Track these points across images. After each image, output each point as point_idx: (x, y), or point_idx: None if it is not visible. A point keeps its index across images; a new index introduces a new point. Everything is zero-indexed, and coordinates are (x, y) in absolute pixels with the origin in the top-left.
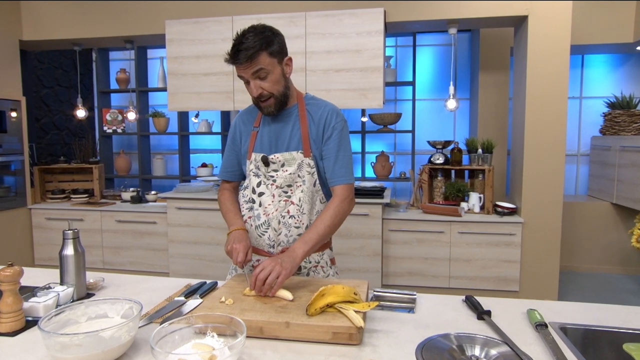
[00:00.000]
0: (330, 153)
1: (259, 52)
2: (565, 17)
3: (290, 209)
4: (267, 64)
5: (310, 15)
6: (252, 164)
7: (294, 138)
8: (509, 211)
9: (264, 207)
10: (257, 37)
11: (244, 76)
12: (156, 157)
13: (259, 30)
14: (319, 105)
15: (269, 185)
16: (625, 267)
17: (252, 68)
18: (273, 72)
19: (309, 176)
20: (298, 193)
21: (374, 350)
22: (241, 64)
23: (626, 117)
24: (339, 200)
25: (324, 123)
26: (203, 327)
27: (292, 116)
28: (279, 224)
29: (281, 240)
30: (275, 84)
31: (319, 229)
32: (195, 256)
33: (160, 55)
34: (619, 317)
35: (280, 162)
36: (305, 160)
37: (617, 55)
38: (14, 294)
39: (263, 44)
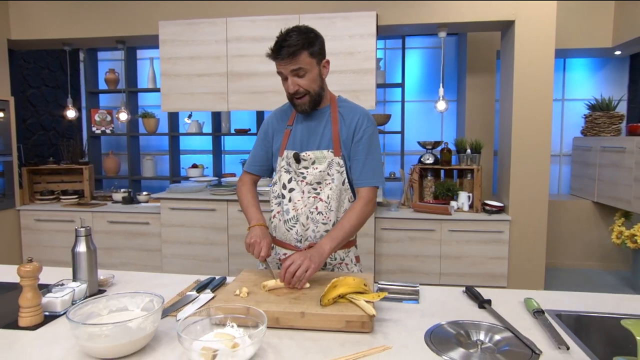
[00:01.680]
0: (359, 155)
1: (301, 50)
2: (549, 22)
3: (318, 205)
4: (306, 63)
5: (304, 18)
6: (284, 160)
7: (325, 137)
8: (496, 209)
9: (293, 202)
10: (300, 36)
11: (282, 72)
12: (146, 158)
13: (302, 30)
14: (351, 108)
15: (299, 182)
16: (605, 263)
17: (292, 65)
18: (311, 72)
19: (338, 175)
20: (327, 190)
21: (385, 337)
22: (282, 60)
23: (606, 119)
24: (363, 202)
25: (355, 126)
26: (223, 318)
27: (324, 116)
28: (307, 219)
29: (308, 235)
30: (311, 82)
31: (345, 227)
32: (189, 256)
33: (150, 56)
34: (607, 304)
35: (311, 159)
36: (335, 159)
37: (596, 59)
38: (33, 289)
39: (305, 44)
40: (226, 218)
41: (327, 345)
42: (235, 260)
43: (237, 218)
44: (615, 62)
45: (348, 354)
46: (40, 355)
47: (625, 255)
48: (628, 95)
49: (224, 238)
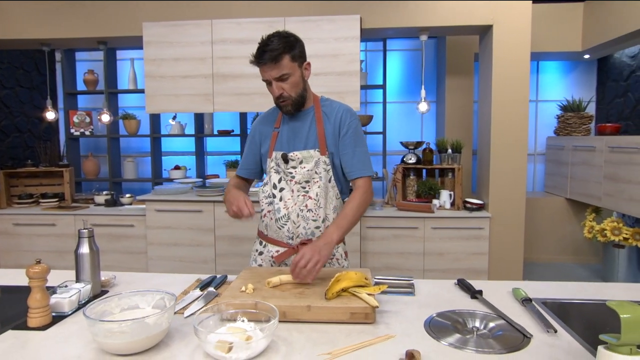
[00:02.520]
0: (348, 149)
1: (282, 54)
2: (525, 27)
3: (308, 203)
4: (288, 68)
5: (289, 21)
6: (273, 161)
7: (311, 137)
8: (477, 207)
9: (284, 201)
10: (281, 40)
11: (267, 78)
12: (127, 160)
13: (282, 35)
14: (333, 106)
15: (288, 181)
16: (577, 257)
17: (275, 72)
18: (293, 75)
19: (325, 173)
20: (315, 188)
21: (387, 327)
22: (265, 64)
23: (577, 119)
24: (362, 191)
25: (340, 121)
26: (233, 313)
27: (309, 116)
28: (298, 217)
29: (300, 232)
30: (294, 86)
31: (349, 216)
32: (175, 258)
33: (130, 57)
34: (587, 292)
35: (299, 159)
36: (322, 157)
37: (567, 62)
38: (42, 290)
39: (286, 47)
40: (213, 219)
41: (334, 336)
42: (222, 261)
43: (224, 219)
44: (584, 65)
45: (355, 343)
46: (55, 354)
47: (595, 249)
48: (596, 97)
49: (211, 239)
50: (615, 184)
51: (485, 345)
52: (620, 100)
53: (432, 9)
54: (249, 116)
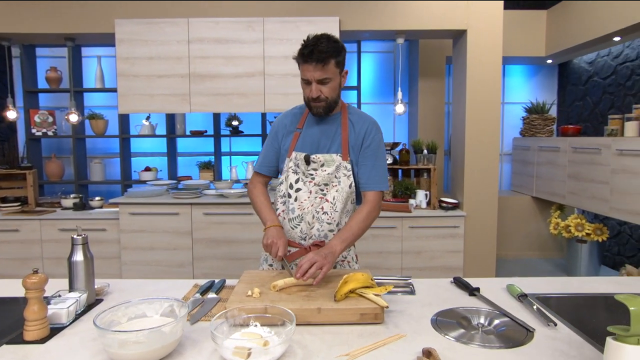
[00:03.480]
0: (368, 161)
1: (330, 58)
2: (497, 32)
3: (324, 205)
4: (332, 73)
5: (268, 21)
6: (292, 161)
7: (335, 142)
8: (452, 206)
9: (299, 202)
10: (330, 44)
11: (309, 78)
12: (94, 162)
13: (332, 39)
14: (361, 117)
15: (306, 182)
16: (543, 252)
17: (320, 74)
18: (334, 80)
19: (345, 178)
20: (333, 192)
21: (396, 326)
22: (311, 63)
23: (541, 121)
24: (371, 206)
25: (365, 133)
26: (246, 318)
27: (336, 122)
28: (313, 218)
29: (313, 233)
30: (332, 90)
31: (354, 229)
32: (151, 262)
33: (97, 54)
34: (573, 286)
35: (321, 162)
36: (343, 163)
37: (531, 67)
38: (39, 301)
39: (334, 52)
40: (190, 222)
41: (347, 337)
42: (200, 264)
43: (201, 222)
44: (546, 69)
45: (369, 344)
46: None
47: (559, 244)
48: (557, 100)
49: (188, 242)
50: (578, 182)
51: (494, 341)
52: (579, 103)
53: (409, 13)
54: (222, 117)
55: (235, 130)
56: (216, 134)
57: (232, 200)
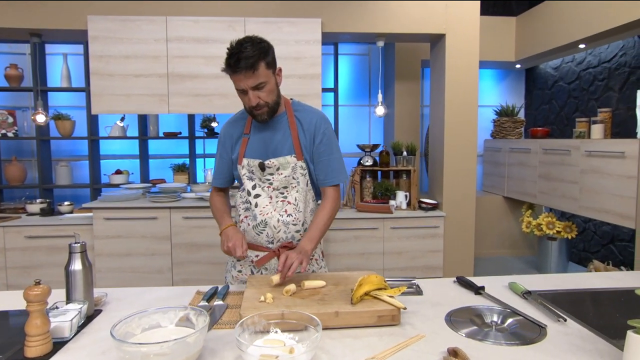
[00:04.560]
0: (322, 157)
1: (258, 61)
2: (474, 36)
3: (287, 208)
4: (264, 76)
5: (249, 21)
6: (245, 168)
7: (286, 143)
8: (431, 207)
9: (260, 207)
10: (255, 46)
11: (243, 87)
12: (60, 165)
13: (255, 40)
14: (308, 112)
15: (264, 188)
16: (514, 250)
17: (252, 80)
18: (269, 82)
19: (302, 177)
20: (294, 193)
21: (413, 327)
22: (241, 72)
23: (511, 124)
24: (332, 201)
25: (314, 130)
26: (266, 325)
27: (282, 123)
28: (278, 222)
29: (280, 237)
30: (270, 93)
31: (319, 226)
32: (127, 269)
33: (63, 51)
34: (570, 282)
35: (276, 166)
36: (299, 163)
37: (500, 71)
38: (42, 314)
39: (261, 54)
40: (169, 226)
41: (368, 340)
42: (179, 270)
43: (181, 226)
44: (514, 73)
45: (391, 346)
46: None
47: (529, 242)
48: (525, 103)
49: (167, 247)
50: (549, 182)
51: (509, 338)
52: (546, 106)
53: (389, 16)
54: (196, 118)
55: (211, 131)
56: (191, 136)
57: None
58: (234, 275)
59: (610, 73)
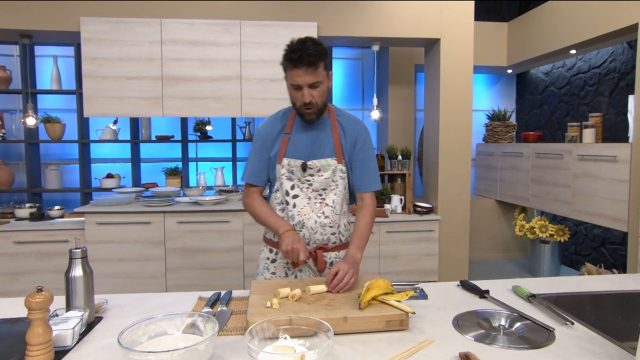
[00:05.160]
0: (361, 163)
1: (319, 60)
2: (468, 41)
3: (325, 210)
4: (322, 76)
5: (245, 24)
6: (284, 168)
7: (328, 146)
8: (426, 210)
9: (298, 208)
10: (316, 46)
11: (300, 83)
12: (49, 168)
13: (317, 41)
14: (350, 120)
15: (303, 189)
16: (506, 253)
17: (312, 77)
18: (323, 84)
19: (342, 181)
20: (332, 196)
21: (421, 331)
22: (301, 68)
23: (503, 128)
24: (372, 208)
25: (356, 137)
26: (275, 331)
27: (325, 125)
28: (316, 223)
29: (316, 238)
30: (322, 94)
31: (365, 234)
32: (121, 274)
33: (52, 54)
34: (570, 285)
35: (317, 167)
36: (339, 166)
37: (492, 76)
38: (44, 323)
39: (322, 54)
40: (163, 231)
41: (378, 345)
42: (173, 275)
43: (175, 230)
44: (505, 78)
45: (402, 351)
46: None
47: (522, 245)
48: (516, 108)
49: (161, 252)
50: (541, 186)
51: (518, 342)
52: (537, 111)
53: (385, 21)
54: (189, 121)
55: (205, 135)
56: (184, 139)
57: (207, 207)
58: (267, 277)
59: (600, 78)
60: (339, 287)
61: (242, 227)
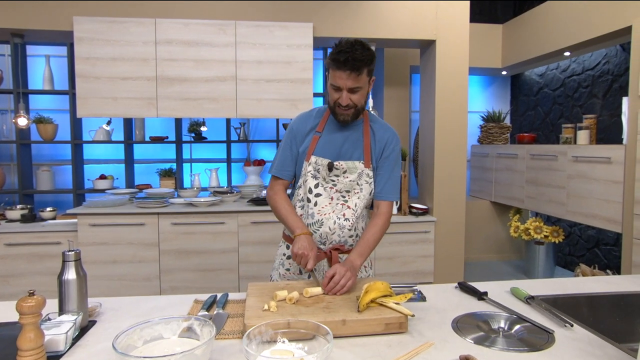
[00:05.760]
0: (385, 171)
1: (364, 66)
2: (464, 42)
3: (346, 212)
4: (364, 81)
5: (240, 25)
6: (311, 165)
7: (357, 149)
8: (422, 212)
9: (319, 207)
10: (365, 51)
11: (340, 85)
12: (41, 169)
13: (365, 46)
14: (382, 126)
15: (327, 188)
16: (501, 255)
17: (353, 82)
18: (364, 89)
19: (367, 185)
20: (355, 199)
21: (421, 334)
22: (344, 71)
23: (497, 129)
24: (385, 218)
25: (385, 143)
26: (273, 334)
27: (358, 128)
28: (335, 224)
29: (334, 239)
30: (362, 98)
31: (370, 243)
32: (113, 277)
33: (45, 53)
34: (569, 287)
35: (343, 168)
36: (366, 170)
37: (487, 77)
38: (36, 327)
39: (369, 60)
40: (157, 232)
41: (377, 348)
42: (167, 277)
43: (170, 232)
44: (500, 80)
45: (402, 354)
46: None
47: (516, 246)
48: (511, 109)
49: (155, 254)
50: (536, 187)
51: (518, 344)
52: (531, 112)
53: (381, 22)
54: (184, 122)
55: (199, 136)
56: (178, 140)
57: (201, 209)
58: (282, 273)
59: (594, 80)
60: (335, 290)
61: (237, 229)
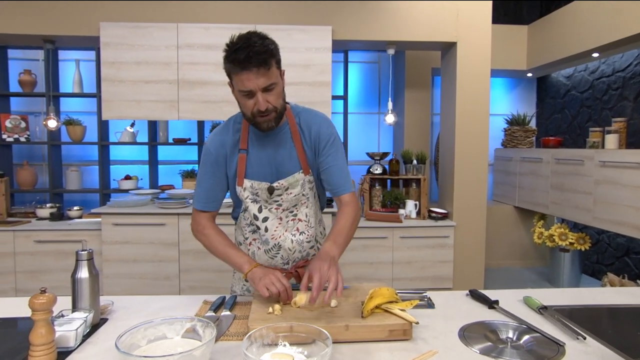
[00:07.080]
0: (331, 163)
1: (271, 58)
2: (486, 45)
3: (299, 226)
4: (275, 76)
5: (259, 28)
6: (247, 190)
7: (292, 158)
8: (441, 216)
9: (270, 232)
10: (263, 40)
11: (252, 88)
12: (70, 170)
13: (262, 35)
14: (309, 116)
15: (272, 209)
16: (525, 261)
17: (264, 79)
18: (278, 84)
19: (311, 192)
20: (304, 209)
21: (425, 341)
22: (252, 69)
23: (522, 133)
24: (353, 206)
25: (318, 135)
26: (274, 337)
27: (285, 135)
28: (292, 242)
29: (295, 257)
30: (278, 97)
31: (343, 232)
32: (135, 275)
33: (75, 58)
34: (584, 297)
35: (285, 187)
36: (307, 178)
37: (512, 79)
38: (47, 324)
39: (272, 51)
40: (177, 233)
41: (379, 355)
42: (186, 277)
43: (189, 232)
44: (525, 82)
45: None
46: None
47: (540, 253)
48: (536, 112)
49: (175, 254)
50: (561, 193)
51: (526, 356)
52: (558, 115)
53: (400, 24)
54: (206, 124)
55: None
56: (200, 142)
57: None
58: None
59: (624, 82)
60: (327, 297)
61: None
